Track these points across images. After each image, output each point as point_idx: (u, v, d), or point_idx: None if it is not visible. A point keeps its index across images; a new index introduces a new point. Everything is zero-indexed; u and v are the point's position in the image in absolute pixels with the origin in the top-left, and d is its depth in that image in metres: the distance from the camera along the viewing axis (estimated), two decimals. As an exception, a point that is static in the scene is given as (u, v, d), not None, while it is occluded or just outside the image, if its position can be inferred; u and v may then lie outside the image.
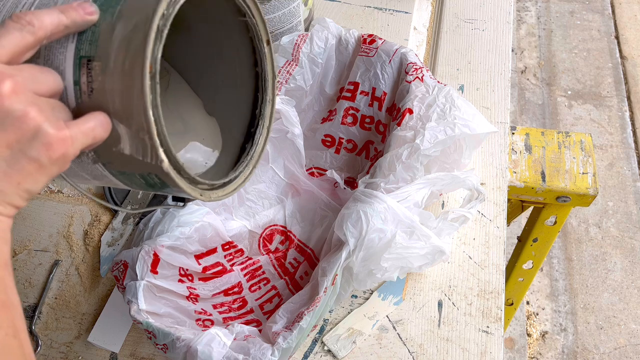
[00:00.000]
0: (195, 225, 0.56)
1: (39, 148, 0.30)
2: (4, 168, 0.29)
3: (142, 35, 0.35)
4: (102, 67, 0.35)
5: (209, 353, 0.43)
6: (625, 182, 1.73)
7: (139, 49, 0.35)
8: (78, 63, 0.35)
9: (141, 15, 0.36)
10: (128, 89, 0.35)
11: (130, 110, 0.35)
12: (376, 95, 0.63)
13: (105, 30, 0.36)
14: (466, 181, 0.53)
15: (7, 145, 0.29)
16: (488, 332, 0.55)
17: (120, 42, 0.35)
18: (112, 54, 0.35)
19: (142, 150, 0.36)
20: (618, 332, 1.46)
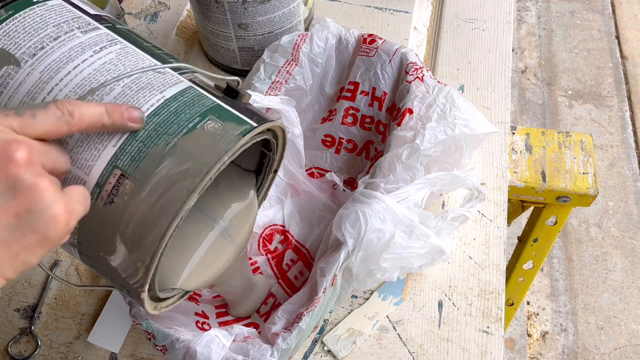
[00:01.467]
0: None
1: (46, 221, 0.29)
2: (6, 237, 0.29)
3: (186, 189, 0.34)
4: (132, 190, 0.35)
5: (208, 354, 0.43)
6: (626, 182, 1.73)
7: (177, 200, 0.34)
8: (110, 170, 0.35)
9: (195, 164, 0.35)
10: (148, 225, 0.34)
11: (140, 244, 0.35)
12: (376, 95, 0.63)
13: (153, 157, 0.35)
14: (466, 181, 0.53)
15: (15, 215, 0.29)
16: (488, 333, 0.55)
17: (163, 179, 0.35)
18: (149, 186, 0.35)
19: (131, 274, 0.36)
20: (618, 332, 1.46)
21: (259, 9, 0.65)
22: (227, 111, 0.38)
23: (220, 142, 0.36)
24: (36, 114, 0.31)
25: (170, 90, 0.37)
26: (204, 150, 0.35)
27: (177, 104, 0.37)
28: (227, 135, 0.36)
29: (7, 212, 0.28)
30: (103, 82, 0.37)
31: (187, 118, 0.36)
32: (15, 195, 0.28)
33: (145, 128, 0.36)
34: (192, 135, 0.35)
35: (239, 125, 0.37)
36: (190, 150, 0.35)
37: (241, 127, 0.37)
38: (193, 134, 0.36)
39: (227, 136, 0.36)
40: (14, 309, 0.60)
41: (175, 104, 0.37)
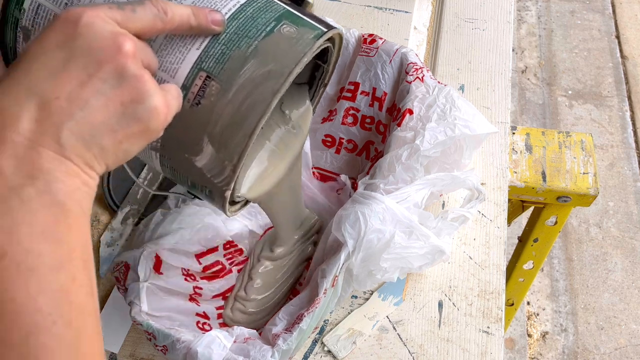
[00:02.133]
0: (197, 226, 0.56)
1: (149, 112, 0.31)
2: (113, 124, 0.30)
3: (270, 89, 0.36)
4: (218, 91, 0.36)
5: (209, 355, 0.43)
6: (626, 182, 1.73)
7: (263, 100, 0.36)
8: (196, 72, 0.36)
9: (277, 66, 0.37)
10: (236, 125, 0.36)
11: (228, 143, 0.37)
12: (376, 95, 0.63)
13: (236, 59, 0.37)
14: (466, 181, 0.53)
15: (122, 103, 0.30)
16: (488, 333, 0.55)
17: (248, 80, 0.36)
18: (235, 87, 0.36)
19: (217, 173, 0.38)
20: (619, 332, 1.46)
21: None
22: (298, 16, 0.40)
23: (298, 44, 0.38)
24: (135, 9, 0.32)
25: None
26: (283, 52, 0.37)
27: (252, 9, 0.38)
28: (303, 38, 0.38)
29: (114, 100, 0.30)
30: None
31: (263, 22, 0.38)
32: (121, 84, 0.30)
33: (226, 31, 0.37)
34: (271, 38, 0.37)
35: (311, 29, 0.39)
36: (271, 53, 0.37)
37: (314, 31, 0.39)
38: (272, 37, 0.37)
39: (303, 39, 0.38)
40: (14, 309, 0.60)
41: (250, 8, 0.38)
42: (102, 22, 0.30)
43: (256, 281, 0.58)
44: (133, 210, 0.64)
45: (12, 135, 0.27)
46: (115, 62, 0.30)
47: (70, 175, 0.29)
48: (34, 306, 0.26)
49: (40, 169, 0.27)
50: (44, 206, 0.27)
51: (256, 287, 0.57)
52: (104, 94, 0.30)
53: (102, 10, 0.31)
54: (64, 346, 0.26)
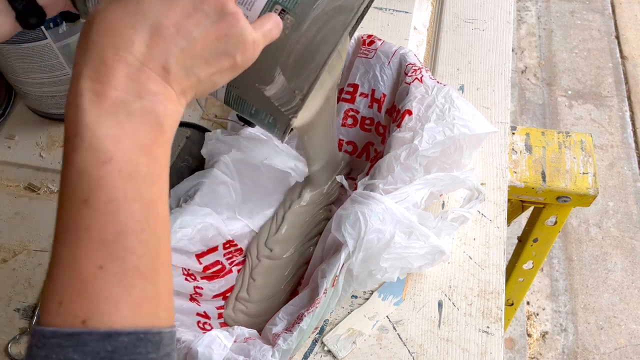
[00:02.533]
0: (197, 226, 0.56)
1: (240, 48, 0.33)
2: (208, 57, 0.32)
3: (342, 23, 0.39)
4: (293, 24, 0.38)
5: (210, 355, 0.43)
6: (626, 182, 1.73)
7: (335, 32, 0.39)
8: (272, 5, 0.38)
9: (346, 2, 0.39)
10: (309, 56, 0.39)
11: (300, 73, 0.39)
12: (375, 97, 0.63)
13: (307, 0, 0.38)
14: (466, 181, 0.53)
15: (217, 38, 0.32)
16: (488, 333, 0.55)
17: (321, 14, 0.39)
18: (308, 21, 0.38)
19: (286, 102, 0.40)
20: (618, 332, 1.46)
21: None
22: None
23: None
24: None
25: None
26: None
27: None
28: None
29: (212, 34, 0.32)
30: None
31: None
32: (220, 20, 0.32)
33: None
34: None
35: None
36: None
37: None
38: None
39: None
40: (14, 309, 0.60)
41: None
42: None
43: (258, 282, 0.58)
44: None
45: (126, 56, 0.29)
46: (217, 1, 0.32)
47: (170, 100, 0.31)
48: (129, 210, 0.28)
49: (147, 90, 0.30)
50: (147, 123, 0.30)
51: (258, 288, 0.57)
52: (205, 27, 0.32)
53: None
54: (147, 251, 0.29)
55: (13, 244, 0.64)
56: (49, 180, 0.69)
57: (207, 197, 0.58)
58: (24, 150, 0.71)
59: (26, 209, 0.66)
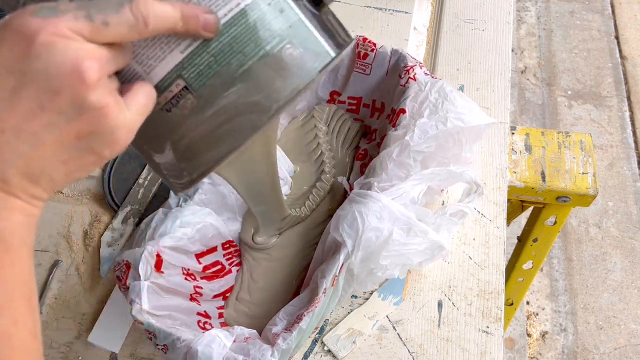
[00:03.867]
0: (197, 226, 0.56)
1: (108, 143, 0.28)
2: (64, 157, 0.27)
3: (252, 123, 0.32)
4: (194, 107, 0.32)
5: (209, 354, 0.43)
6: (625, 182, 1.73)
7: (241, 132, 0.32)
8: (174, 78, 0.32)
9: (266, 99, 0.33)
10: (204, 148, 0.33)
11: (191, 159, 0.34)
12: (376, 106, 0.65)
13: (223, 77, 0.32)
14: (463, 175, 0.53)
15: (77, 136, 0.27)
16: (488, 332, 0.55)
17: (230, 106, 0.32)
18: (212, 109, 0.32)
19: (175, 175, 0.35)
20: (618, 332, 1.46)
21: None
22: (308, 32, 0.34)
23: (296, 75, 0.33)
24: (108, 22, 0.27)
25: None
26: (277, 83, 0.33)
27: (258, 14, 0.33)
28: (305, 67, 0.33)
29: (68, 133, 0.27)
30: None
31: (266, 37, 0.32)
32: (79, 116, 0.27)
33: (219, 40, 0.32)
34: (269, 60, 0.32)
35: (316, 55, 0.34)
36: (264, 80, 0.32)
37: (319, 58, 0.34)
38: (270, 59, 0.33)
39: (304, 69, 0.33)
40: (15, 309, 0.60)
41: (255, 13, 0.32)
42: (63, 42, 0.26)
43: (259, 283, 0.58)
44: (134, 210, 0.64)
45: None
46: (75, 91, 0.26)
47: (14, 211, 0.27)
48: None
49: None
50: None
51: (260, 290, 0.57)
52: (58, 127, 0.26)
53: (65, 22, 0.26)
54: None
55: (13, 243, 0.64)
56: (49, 180, 0.69)
57: (207, 197, 0.58)
58: (24, 150, 0.71)
59: (26, 209, 0.66)
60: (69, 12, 0.26)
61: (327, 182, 0.62)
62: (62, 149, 0.27)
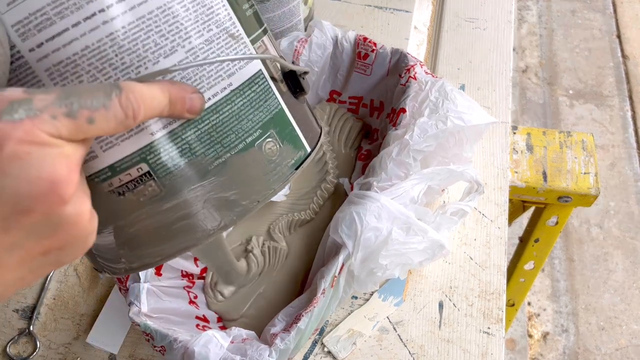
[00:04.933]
0: None
1: (77, 252, 0.25)
2: (23, 274, 0.23)
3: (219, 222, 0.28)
4: (153, 196, 0.28)
5: (206, 354, 0.43)
6: (627, 182, 1.72)
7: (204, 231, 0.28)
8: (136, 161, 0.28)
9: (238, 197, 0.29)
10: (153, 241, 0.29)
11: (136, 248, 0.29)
12: (375, 105, 0.64)
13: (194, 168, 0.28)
14: (464, 174, 0.53)
15: (44, 252, 0.23)
16: (489, 333, 0.55)
17: (197, 199, 0.28)
18: (176, 202, 0.28)
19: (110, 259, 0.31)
20: (619, 332, 1.46)
21: (257, 8, 0.65)
22: (288, 124, 0.32)
23: (272, 174, 0.31)
24: (94, 118, 0.23)
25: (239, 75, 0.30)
26: (253, 180, 0.30)
27: (243, 102, 0.30)
28: (282, 165, 0.31)
29: (35, 250, 0.23)
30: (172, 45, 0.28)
31: (247, 128, 0.30)
32: (52, 233, 0.23)
33: (197, 127, 0.28)
34: (247, 155, 0.30)
35: (295, 150, 0.32)
36: (239, 176, 0.29)
37: (296, 153, 0.32)
38: (248, 153, 0.30)
39: (282, 166, 0.31)
40: (13, 310, 0.60)
41: (240, 100, 0.30)
42: (37, 152, 0.21)
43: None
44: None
45: None
46: (49, 209, 0.22)
47: None
48: None
49: None
50: None
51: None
52: (24, 247, 0.22)
53: (41, 125, 0.21)
54: None
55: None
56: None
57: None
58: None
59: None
60: (45, 109, 0.21)
61: (331, 184, 0.62)
62: (23, 267, 0.23)
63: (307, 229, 0.60)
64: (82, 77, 0.27)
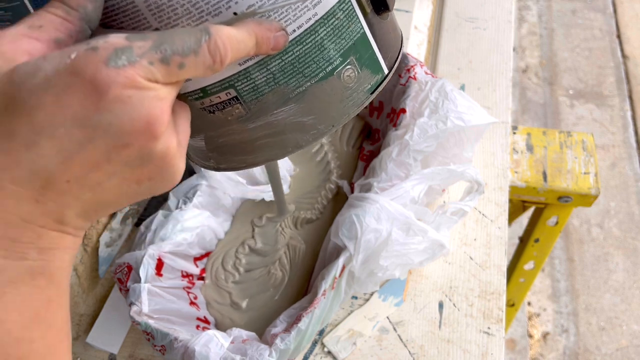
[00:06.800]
0: (197, 230, 0.55)
1: (166, 184, 0.28)
2: (121, 200, 0.27)
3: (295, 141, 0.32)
4: (240, 117, 0.31)
5: (207, 354, 0.43)
6: (628, 182, 1.72)
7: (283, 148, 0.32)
8: (225, 87, 0.30)
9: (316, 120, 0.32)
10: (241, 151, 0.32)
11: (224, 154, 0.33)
12: (374, 105, 0.64)
13: (277, 95, 0.31)
14: (464, 174, 0.53)
15: (138, 181, 0.26)
16: (489, 334, 0.55)
17: (278, 122, 0.31)
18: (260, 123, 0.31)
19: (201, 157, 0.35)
20: (620, 333, 1.46)
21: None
22: (369, 48, 0.33)
23: (349, 100, 0.33)
24: (184, 64, 0.25)
25: (324, 3, 0.30)
26: (329, 107, 0.32)
27: (326, 31, 0.31)
28: (358, 90, 0.33)
29: (130, 179, 0.26)
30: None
31: (328, 57, 0.31)
32: (143, 164, 0.26)
33: (282, 58, 0.30)
34: (326, 83, 0.32)
35: (372, 75, 0.33)
36: (317, 103, 0.32)
37: (374, 78, 0.33)
38: (327, 81, 0.32)
39: (358, 92, 0.33)
40: (13, 310, 0.60)
41: (324, 30, 0.31)
42: (137, 95, 0.24)
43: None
44: (132, 210, 0.64)
45: (6, 216, 0.24)
46: (144, 144, 0.25)
47: (66, 249, 0.26)
48: None
49: (37, 248, 0.25)
50: (37, 288, 0.25)
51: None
52: (121, 175, 0.26)
53: (140, 71, 0.24)
54: None
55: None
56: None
57: (204, 199, 0.58)
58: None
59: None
60: (144, 56, 0.24)
61: (334, 184, 0.62)
62: (121, 193, 0.27)
63: (312, 229, 0.60)
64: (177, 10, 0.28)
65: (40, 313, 0.25)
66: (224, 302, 0.55)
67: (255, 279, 0.57)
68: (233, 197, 0.59)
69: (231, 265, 0.57)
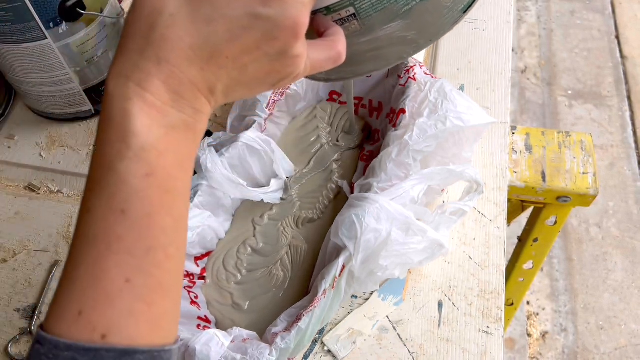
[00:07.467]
0: (197, 229, 0.56)
1: (285, 82, 0.34)
2: (253, 86, 0.33)
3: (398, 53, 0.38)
4: (355, 31, 0.37)
5: (207, 353, 0.43)
6: (626, 182, 1.73)
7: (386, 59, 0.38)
8: (346, 5, 0.36)
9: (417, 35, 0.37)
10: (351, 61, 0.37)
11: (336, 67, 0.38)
12: (374, 106, 0.64)
13: (387, 13, 0.36)
14: (464, 174, 0.53)
15: (269, 73, 0.32)
16: (488, 333, 0.55)
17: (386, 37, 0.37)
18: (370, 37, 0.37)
19: None
20: (619, 332, 1.46)
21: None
22: None
23: (446, 17, 0.38)
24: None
25: None
26: (429, 24, 0.37)
27: None
28: (454, 9, 0.38)
29: (265, 69, 0.32)
30: None
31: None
32: (278, 59, 0.31)
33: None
34: (429, 2, 0.37)
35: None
36: (419, 20, 0.37)
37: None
38: (430, 1, 0.37)
39: (453, 11, 0.38)
40: (14, 309, 0.60)
41: None
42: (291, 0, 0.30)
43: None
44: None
45: (179, 74, 0.29)
46: (286, 41, 0.31)
47: (206, 116, 0.32)
48: (162, 225, 0.28)
49: (193, 107, 0.30)
50: (188, 140, 0.30)
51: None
52: (261, 64, 0.31)
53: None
54: (172, 266, 0.29)
55: (13, 244, 0.64)
56: (48, 180, 0.69)
57: (204, 199, 0.58)
58: (23, 150, 0.71)
59: (26, 209, 0.66)
60: None
61: (335, 184, 0.62)
62: (255, 79, 0.32)
63: (314, 229, 0.60)
64: None
65: (184, 162, 0.30)
66: (225, 302, 0.55)
67: (257, 279, 0.57)
68: (233, 198, 0.60)
69: (233, 266, 0.57)
